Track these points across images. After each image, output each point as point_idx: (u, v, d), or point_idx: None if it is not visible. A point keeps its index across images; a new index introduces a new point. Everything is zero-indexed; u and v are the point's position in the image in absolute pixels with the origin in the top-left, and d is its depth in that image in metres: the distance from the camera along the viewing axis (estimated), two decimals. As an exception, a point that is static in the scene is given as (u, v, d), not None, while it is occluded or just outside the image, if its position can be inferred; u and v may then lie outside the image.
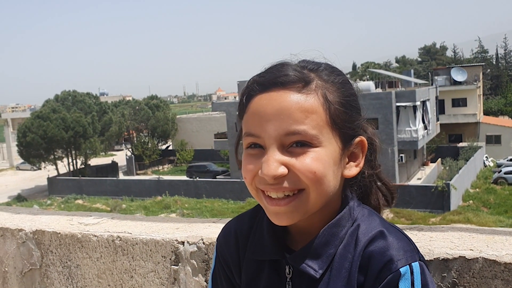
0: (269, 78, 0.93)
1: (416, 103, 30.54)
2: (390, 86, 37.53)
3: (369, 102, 28.83)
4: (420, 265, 0.90)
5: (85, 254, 1.82)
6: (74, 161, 42.32)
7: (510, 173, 32.31)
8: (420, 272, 0.89)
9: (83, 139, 40.30)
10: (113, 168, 44.91)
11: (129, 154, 47.78)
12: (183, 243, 1.62)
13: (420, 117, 31.82)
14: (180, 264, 1.63)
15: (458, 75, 45.31)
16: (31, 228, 1.95)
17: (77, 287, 1.86)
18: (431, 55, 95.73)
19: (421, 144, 32.53)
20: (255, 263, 1.05)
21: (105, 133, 43.39)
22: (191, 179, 34.99)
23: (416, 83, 43.26)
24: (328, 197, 0.94)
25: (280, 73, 0.92)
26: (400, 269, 0.88)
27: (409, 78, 42.91)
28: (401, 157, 30.40)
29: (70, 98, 43.64)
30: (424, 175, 32.97)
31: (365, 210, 1.00)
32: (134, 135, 50.70)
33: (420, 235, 1.41)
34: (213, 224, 1.75)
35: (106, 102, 49.44)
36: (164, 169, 47.31)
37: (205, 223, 1.77)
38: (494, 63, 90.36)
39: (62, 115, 39.72)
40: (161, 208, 30.64)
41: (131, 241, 1.72)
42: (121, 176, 42.90)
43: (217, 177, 36.74)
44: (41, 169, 42.64)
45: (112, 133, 44.11)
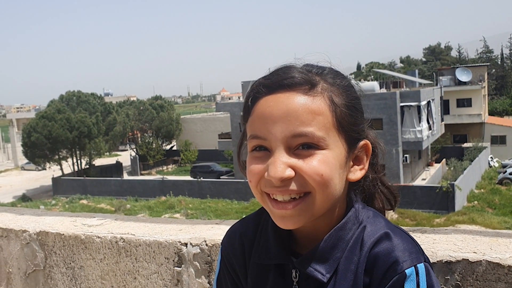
0: (275, 80, 0.93)
1: (421, 104, 30.46)
2: (394, 87, 37.46)
3: (373, 103, 28.79)
4: (426, 266, 0.90)
5: (89, 255, 1.82)
6: (79, 161, 42.45)
7: (515, 173, 32.16)
8: (425, 273, 0.89)
9: (87, 139, 40.42)
10: (117, 168, 45.04)
11: (133, 154, 47.87)
12: (186, 244, 1.62)
13: (424, 118, 31.73)
14: (183, 265, 1.63)
15: (463, 75, 45.16)
16: (35, 229, 1.95)
17: (80, 288, 1.86)
18: (436, 55, 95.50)
19: (426, 145, 32.45)
20: (260, 267, 1.05)
21: (109, 133, 43.50)
22: (195, 179, 35.05)
23: (420, 83, 43.16)
24: (333, 200, 0.94)
25: (286, 75, 0.92)
26: (405, 271, 0.88)
27: (413, 78, 42.80)
28: (406, 157, 30.33)
29: (75, 99, 43.82)
30: (429, 175, 32.90)
31: (370, 212, 1.00)
32: (139, 135, 50.82)
33: (423, 237, 1.41)
34: (216, 226, 1.75)
35: (111, 102, 49.57)
36: (168, 169, 47.40)
37: (208, 224, 1.77)
38: (499, 63, 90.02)
39: (66, 116, 39.85)
40: (165, 208, 30.69)
41: (134, 243, 1.72)
42: (126, 176, 43.01)
43: (221, 177, 36.79)
44: (46, 169, 42.83)
45: (116, 133, 44.23)
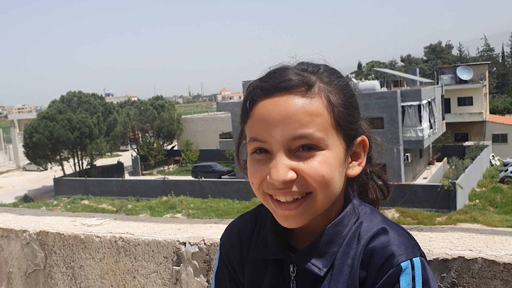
0: (272, 83, 0.93)
1: (422, 102, 30.41)
2: (395, 85, 37.43)
3: (374, 102, 28.75)
4: (421, 260, 0.91)
5: (88, 255, 1.83)
6: (80, 161, 42.47)
7: (516, 172, 32.11)
8: (421, 267, 0.90)
9: (89, 140, 40.43)
10: (118, 168, 45.05)
11: (134, 155, 47.87)
12: (184, 244, 1.63)
13: (425, 116, 31.68)
14: (182, 264, 1.64)
15: (464, 73, 45.09)
16: (35, 229, 1.97)
17: (80, 287, 1.87)
18: (437, 54, 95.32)
19: (427, 143, 32.40)
20: (258, 262, 1.06)
21: (110, 133, 43.51)
22: (196, 179, 35.03)
23: (421, 82, 43.11)
24: (334, 197, 0.96)
25: (283, 78, 0.93)
26: (401, 264, 0.89)
27: (414, 77, 42.76)
28: (407, 156, 30.29)
29: (76, 99, 43.84)
30: (430, 174, 32.85)
31: (367, 208, 1.02)
32: (140, 135, 50.82)
33: (420, 235, 1.42)
34: (214, 225, 1.76)
35: (112, 102, 49.58)
36: (170, 169, 47.39)
37: (207, 224, 1.78)
38: (500, 61, 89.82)
39: (68, 116, 39.87)
40: (166, 208, 30.70)
41: (133, 242, 1.73)
42: (127, 177, 43.00)
43: (222, 177, 36.76)
44: (47, 169, 42.85)
45: (117, 133, 44.23)
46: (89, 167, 43.01)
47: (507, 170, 32.86)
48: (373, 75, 50.96)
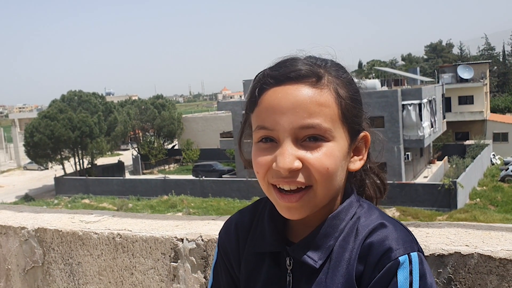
0: (283, 72, 0.94)
1: (422, 101, 30.39)
2: (396, 84, 37.44)
3: (375, 100, 28.74)
4: (419, 255, 0.91)
5: (86, 251, 1.84)
6: (81, 161, 42.51)
7: (517, 170, 32.10)
8: (418, 262, 0.90)
9: (89, 139, 40.47)
10: (119, 167, 45.07)
11: (135, 154, 47.90)
12: (182, 240, 1.63)
13: (426, 115, 31.66)
14: (179, 261, 1.64)
15: (465, 72, 45.05)
16: (33, 226, 1.97)
17: (78, 284, 1.88)
18: (437, 53, 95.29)
19: (428, 142, 32.39)
20: (255, 256, 1.07)
21: (111, 133, 43.52)
22: (197, 178, 35.07)
23: (422, 81, 43.09)
24: (335, 190, 0.97)
25: (294, 67, 0.94)
26: (399, 258, 0.90)
27: (415, 76, 42.74)
28: (407, 155, 30.29)
29: (76, 98, 43.82)
30: (431, 173, 32.85)
31: (364, 204, 1.02)
32: (140, 134, 50.83)
33: (416, 231, 1.42)
34: (212, 221, 1.76)
35: (112, 101, 49.56)
36: (170, 169, 47.41)
37: (205, 220, 1.78)
38: (501, 60, 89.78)
39: (68, 115, 39.90)
40: (167, 207, 30.72)
41: (131, 239, 1.73)
42: (128, 176, 43.05)
43: (223, 176, 36.78)
44: (48, 169, 42.90)
45: (118, 132, 44.23)
46: (89, 166, 43.05)
47: (508, 169, 32.85)
48: (373, 74, 50.93)
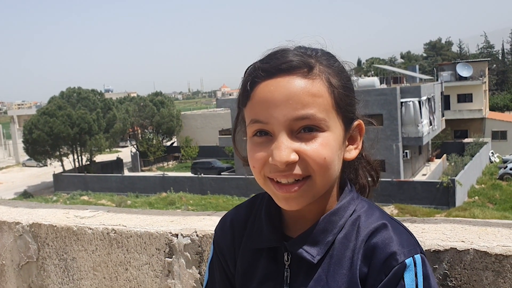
0: (274, 64, 0.93)
1: (421, 99, 30.41)
2: (395, 82, 37.48)
3: (374, 98, 28.74)
4: (422, 257, 0.92)
5: (81, 246, 1.83)
6: (80, 157, 42.51)
7: (516, 168, 32.13)
8: (421, 264, 0.91)
9: (88, 136, 40.47)
10: (118, 164, 45.09)
11: (134, 151, 47.88)
12: (177, 235, 1.62)
13: (425, 113, 31.68)
14: (174, 256, 1.63)
15: (464, 70, 45.09)
16: (28, 221, 1.96)
17: (73, 279, 1.87)
18: (437, 51, 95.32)
19: (426, 140, 32.42)
20: (251, 252, 1.06)
21: (110, 129, 43.51)
22: (196, 175, 35.08)
23: (421, 79, 43.13)
24: (332, 180, 0.97)
25: (285, 59, 0.93)
26: (405, 261, 0.90)
27: (414, 74, 42.79)
28: (406, 153, 30.30)
29: (75, 95, 43.79)
30: (429, 171, 32.89)
31: (364, 203, 1.02)
32: (139, 131, 50.81)
33: (412, 227, 1.41)
34: (207, 217, 1.75)
35: (111, 98, 49.54)
36: (169, 166, 47.41)
37: (200, 216, 1.77)
38: (500, 58, 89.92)
39: (67, 112, 39.89)
40: (166, 204, 30.73)
41: (125, 234, 1.72)
42: (126, 173, 43.02)
43: (222, 173, 36.82)
44: (47, 165, 42.94)
45: (116, 129, 44.22)
46: (88, 163, 43.06)
47: (507, 167, 32.89)
48: (372, 72, 50.97)
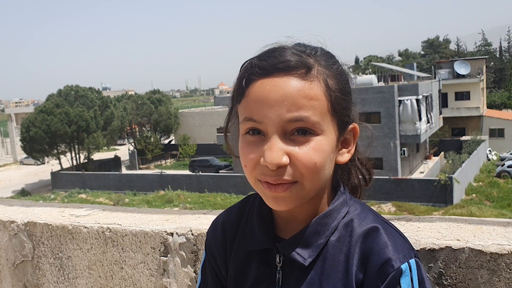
0: (271, 63, 0.91)
1: (419, 97, 30.43)
2: (392, 80, 37.46)
3: (371, 96, 28.75)
4: (416, 261, 0.92)
5: (76, 245, 1.82)
6: (77, 155, 42.43)
7: (513, 166, 32.21)
8: (416, 268, 0.91)
9: (86, 134, 40.40)
10: (116, 162, 45.03)
11: (131, 149, 47.84)
12: (172, 234, 1.62)
13: (423, 111, 31.71)
14: (169, 255, 1.63)
15: (462, 68, 45.13)
16: (23, 220, 1.95)
17: (68, 278, 1.86)
18: (434, 48, 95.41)
19: (424, 138, 32.46)
20: (243, 254, 1.05)
21: (107, 127, 43.45)
22: (193, 173, 35.05)
23: (419, 77, 43.13)
24: (322, 183, 0.95)
25: (283, 58, 0.91)
26: (401, 267, 0.90)
27: (412, 72, 42.75)
28: (404, 150, 30.34)
29: (73, 93, 43.68)
30: (427, 168, 32.92)
31: (357, 205, 1.01)
32: (137, 129, 50.75)
33: (407, 225, 1.41)
34: (203, 215, 1.74)
35: (109, 96, 49.42)
36: (167, 164, 47.37)
37: (195, 214, 1.76)
38: (498, 56, 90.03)
39: (65, 110, 39.80)
40: (164, 202, 30.72)
41: (120, 233, 1.72)
42: (124, 171, 42.99)
43: (219, 171, 36.79)
44: (44, 163, 42.81)
45: (114, 127, 44.14)
46: (86, 161, 42.99)
47: (504, 164, 32.98)
48: (370, 70, 50.94)
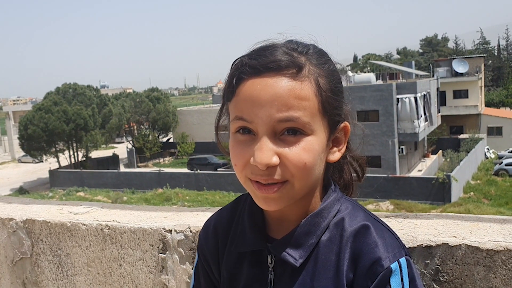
0: (262, 62, 0.90)
1: (417, 95, 30.48)
2: (391, 78, 37.51)
3: (370, 94, 28.78)
4: (407, 260, 0.92)
5: (75, 242, 1.83)
6: (75, 153, 42.40)
7: (511, 164, 32.32)
8: (407, 267, 0.91)
9: (84, 132, 40.36)
10: (114, 160, 44.99)
11: (130, 147, 47.80)
12: (170, 231, 1.63)
13: (421, 109, 31.76)
14: (167, 252, 1.64)
15: (460, 66, 45.19)
16: (21, 217, 1.95)
17: (67, 275, 1.87)
18: (433, 47, 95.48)
19: (422, 136, 32.51)
20: (235, 256, 1.05)
21: (105, 125, 43.41)
22: (192, 171, 35.06)
23: (417, 75, 43.18)
24: (313, 183, 0.95)
25: (273, 57, 0.90)
26: (391, 266, 0.90)
27: (410, 70, 42.81)
28: (402, 149, 30.38)
29: (71, 91, 43.61)
30: (425, 167, 32.97)
31: (348, 203, 1.01)
32: (135, 127, 50.71)
33: (405, 222, 1.41)
34: (201, 212, 1.75)
35: (107, 94, 49.42)
36: (165, 162, 47.36)
37: (194, 211, 1.77)
38: (496, 54, 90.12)
39: (63, 108, 39.75)
40: (162, 200, 30.73)
41: (119, 230, 1.72)
42: (122, 169, 42.98)
43: (218, 169, 36.78)
44: (42, 161, 42.77)
45: (112, 125, 44.11)
46: (84, 159, 42.94)
47: (502, 163, 33.05)
48: (368, 68, 50.99)
